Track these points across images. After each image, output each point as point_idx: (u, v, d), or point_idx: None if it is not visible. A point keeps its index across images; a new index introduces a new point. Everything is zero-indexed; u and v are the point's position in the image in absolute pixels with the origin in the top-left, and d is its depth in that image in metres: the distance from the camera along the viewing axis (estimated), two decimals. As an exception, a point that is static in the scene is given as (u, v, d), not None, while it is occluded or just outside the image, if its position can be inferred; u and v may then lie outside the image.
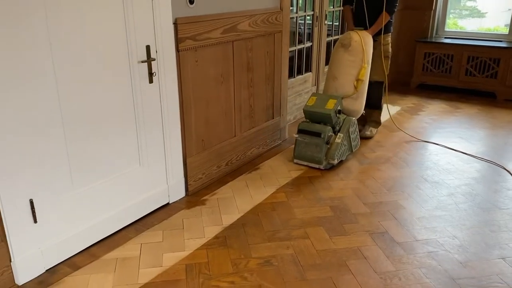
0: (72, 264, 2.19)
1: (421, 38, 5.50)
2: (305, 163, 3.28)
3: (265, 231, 2.48)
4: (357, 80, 3.40)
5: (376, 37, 3.61)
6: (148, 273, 2.11)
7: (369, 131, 3.91)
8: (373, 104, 3.86)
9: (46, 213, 2.08)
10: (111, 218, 2.41)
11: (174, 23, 2.51)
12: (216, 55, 2.88)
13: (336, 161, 3.20)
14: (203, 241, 2.38)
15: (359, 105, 3.50)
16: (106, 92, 2.25)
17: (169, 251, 2.29)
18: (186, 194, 2.88)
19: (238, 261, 2.21)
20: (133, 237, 2.40)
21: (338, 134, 3.27)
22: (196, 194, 2.91)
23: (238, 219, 2.60)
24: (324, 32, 4.53)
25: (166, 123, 2.62)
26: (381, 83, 3.80)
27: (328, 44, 4.67)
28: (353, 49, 3.40)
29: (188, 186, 2.87)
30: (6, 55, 1.80)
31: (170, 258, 2.23)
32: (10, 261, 1.98)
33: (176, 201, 2.81)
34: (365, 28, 3.57)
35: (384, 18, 3.52)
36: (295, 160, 3.33)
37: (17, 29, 1.81)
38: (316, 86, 4.62)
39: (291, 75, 4.07)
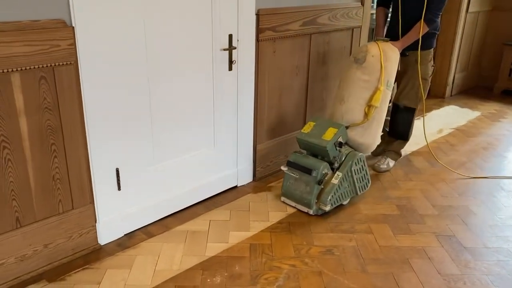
0: (147, 231, 2.38)
1: (510, 41, 5.17)
2: (293, 204, 2.64)
3: (328, 222, 2.52)
4: (369, 106, 2.67)
5: (407, 51, 2.88)
6: (215, 247, 2.25)
7: (386, 164, 3.15)
8: (398, 134, 3.19)
9: (129, 182, 2.29)
10: (184, 193, 2.58)
11: (256, 14, 2.61)
12: (294, 47, 2.95)
13: (328, 208, 2.51)
14: (267, 224, 2.47)
15: (370, 138, 2.74)
16: (190, 76, 2.40)
17: (235, 229, 2.41)
18: (253, 179, 2.99)
19: (300, 247, 2.28)
20: (202, 214, 2.56)
21: (337, 172, 2.59)
22: (262, 180, 3.01)
23: (302, 207, 2.67)
24: (404, 30, 4.41)
25: (240, 109, 2.74)
26: (412, 110, 3.07)
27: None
28: (369, 66, 2.67)
29: (256, 172, 2.98)
30: (113, 50, 2.00)
31: (236, 236, 2.35)
32: (96, 222, 2.20)
33: (244, 184, 2.93)
34: (396, 38, 2.86)
35: (422, 29, 2.75)
36: (282, 199, 2.70)
37: (120, 24, 2.01)
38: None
39: (366, 72, 4.03)
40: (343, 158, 2.62)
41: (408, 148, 3.45)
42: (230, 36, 2.51)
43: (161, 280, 2.01)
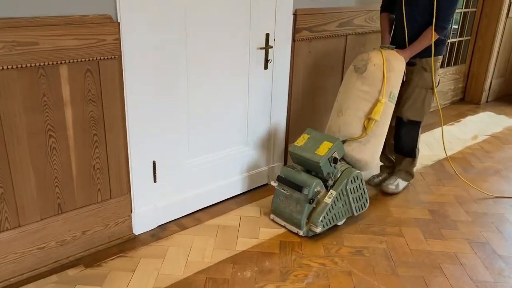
0: (179, 224, 2.44)
1: (551, 47, 5.01)
2: (282, 223, 2.44)
3: (358, 223, 2.52)
4: (369, 119, 2.44)
5: (414, 59, 2.60)
6: (245, 242, 2.29)
7: (395, 184, 2.85)
8: (403, 150, 2.84)
9: (164, 175, 2.35)
10: (216, 189, 2.62)
11: (294, 14, 2.64)
12: (329, 48, 2.96)
13: (319, 229, 2.30)
14: (298, 223, 2.49)
15: (369, 154, 2.49)
16: (226, 73, 2.45)
17: (265, 226, 2.44)
18: (284, 179, 3.01)
19: (330, 247, 2.29)
20: (234, 209, 2.60)
21: (330, 191, 2.39)
22: (293, 179, 3.02)
23: (332, 208, 2.67)
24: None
25: (274, 108, 2.77)
26: (417, 123, 2.76)
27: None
28: (370, 76, 2.44)
29: (287, 171, 3.00)
30: (154, 46, 2.07)
31: (266, 233, 2.38)
32: (131, 212, 2.27)
33: (275, 183, 2.95)
34: (401, 47, 2.60)
35: (433, 36, 2.50)
36: (271, 216, 2.51)
37: (162, 21, 2.07)
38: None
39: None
40: (338, 175, 2.41)
41: (441, 154, 3.39)
42: (267, 35, 2.54)
43: (193, 272, 2.06)
